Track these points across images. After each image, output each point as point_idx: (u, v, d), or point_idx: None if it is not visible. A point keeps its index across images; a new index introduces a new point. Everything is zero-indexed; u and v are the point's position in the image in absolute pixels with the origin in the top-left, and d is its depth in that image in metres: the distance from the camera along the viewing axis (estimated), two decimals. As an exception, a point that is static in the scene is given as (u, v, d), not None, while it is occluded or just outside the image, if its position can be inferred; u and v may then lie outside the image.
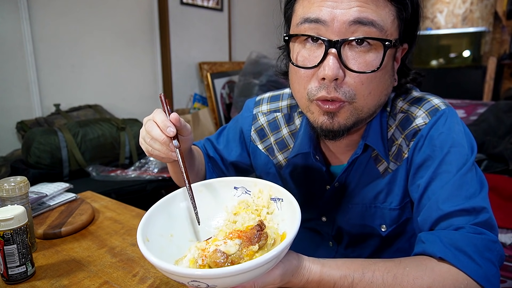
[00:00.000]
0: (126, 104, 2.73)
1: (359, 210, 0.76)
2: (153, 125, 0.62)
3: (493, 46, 5.66)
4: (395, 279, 0.54)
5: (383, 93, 0.64)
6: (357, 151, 0.71)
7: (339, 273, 0.55)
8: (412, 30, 0.65)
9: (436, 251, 0.56)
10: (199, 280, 0.44)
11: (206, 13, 3.26)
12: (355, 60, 0.59)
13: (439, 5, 6.08)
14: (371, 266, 0.56)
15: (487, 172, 2.26)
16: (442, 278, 0.53)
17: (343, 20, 0.56)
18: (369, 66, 0.59)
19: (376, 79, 0.60)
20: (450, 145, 0.64)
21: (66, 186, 1.05)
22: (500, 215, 1.82)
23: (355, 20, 0.56)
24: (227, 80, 3.35)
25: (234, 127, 0.92)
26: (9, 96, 2.12)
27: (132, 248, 0.80)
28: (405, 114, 0.70)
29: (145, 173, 2.08)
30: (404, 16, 0.61)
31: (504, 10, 5.08)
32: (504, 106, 2.60)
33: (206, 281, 0.44)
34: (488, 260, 0.55)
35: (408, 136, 0.68)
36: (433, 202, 0.61)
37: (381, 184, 0.73)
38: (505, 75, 5.41)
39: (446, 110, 0.67)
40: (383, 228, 0.75)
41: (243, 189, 0.65)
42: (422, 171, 0.66)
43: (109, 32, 2.57)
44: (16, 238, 0.64)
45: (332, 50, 0.57)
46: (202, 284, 0.45)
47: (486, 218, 0.58)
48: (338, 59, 0.58)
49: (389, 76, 0.64)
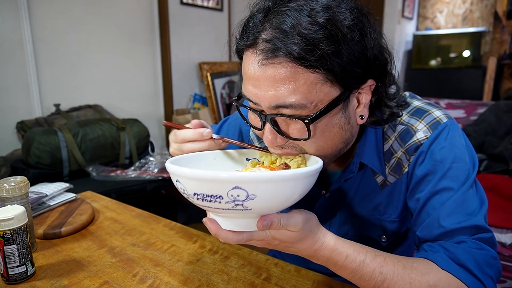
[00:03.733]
0: (126, 104, 2.72)
1: (358, 221, 0.75)
2: (186, 145, 0.65)
3: (493, 46, 5.66)
4: (404, 269, 0.55)
5: (337, 144, 0.62)
6: (353, 169, 0.69)
7: (353, 249, 0.56)
8: (369, 67, 0.58)
9: (439, 262, 0.56)
10: (243, 185, 0.44)
11: (206, 13, 3.26)
12: (288, 129, 0.60)
13: (439, 5, 6.08)
14: (382, 253, 0.57)
15: (487, 172, 2.26)
16: (447, 281, 0.54)
17: (265, 103, 0.56)
18: (301, 133, 0.58)
19: (319, 139, 0.59)
20: (452, 161, 0.62)
21: (66, 186, 1.05)
22: (500, 215, 1.82)
23: (274, 105, 0.56)
24: (227, 80, 3.35)
25: (234, 124, 0.91)
26: (9, 96, 2.12)
27: (132, 248, 0.80)
28: (405, 126, 0.68)
29: (145, 173, 2.08)
30: (340, 74, 0.54)
31: (504, 10, 5.08)
32: (504, 106, 2.60)
33: (251, 186, 0.45)
34: (488, 276, 0.55)
35: (409, 151, 0.67)
36: (434, 218, 0.61)
37: (380, 196, 0.72)
38: (505, 75, 5.42)
39: (448, 123, 0.66)
40: (383, 239, 0.75)
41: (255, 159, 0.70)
42: (422, 185, 0.65)
43: (109, 32, 2.57)
44: (16, 238, 0.64)
45: (267, 123, 0.59)
46: (242, 193, 0.45)
47: (489, 236, 0.59)
48: (274, 128, 0.59)
49: (339, 128, 0.60)
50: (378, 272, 0.54)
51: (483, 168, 2.31)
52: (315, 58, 0.52)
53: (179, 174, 0.48)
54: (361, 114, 0.63)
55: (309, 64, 0.52)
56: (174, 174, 0.49)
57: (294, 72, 0.53)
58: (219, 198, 0.46)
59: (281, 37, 0.52)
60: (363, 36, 0.56)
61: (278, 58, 0.53)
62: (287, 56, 0.52)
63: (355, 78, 0.57)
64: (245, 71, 0.58)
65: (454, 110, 3.46)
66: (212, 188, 0.45)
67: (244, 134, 0.88)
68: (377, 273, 0.54)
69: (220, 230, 0.52)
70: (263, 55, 0.54)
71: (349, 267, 0.55)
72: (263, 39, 0.54)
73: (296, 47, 0.51)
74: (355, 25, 0.55)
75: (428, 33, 5.97)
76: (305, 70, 0.53)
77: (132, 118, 2.35)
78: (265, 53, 0.53)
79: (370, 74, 0.59)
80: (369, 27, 0.58)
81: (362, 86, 0.60)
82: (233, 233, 0.52)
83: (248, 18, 0.59)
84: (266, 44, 0.53)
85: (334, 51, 0.52)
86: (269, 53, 0.53)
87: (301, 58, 0.52)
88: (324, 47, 0.51)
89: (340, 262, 0.55)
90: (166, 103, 3.02)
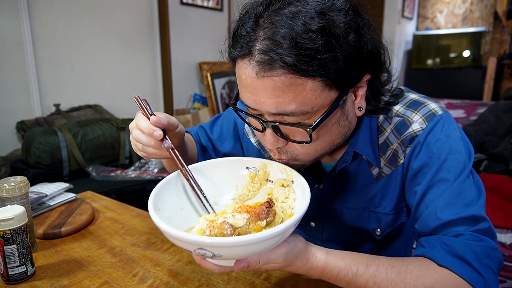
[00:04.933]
0: (126, 104, 2.73)
1: (353, 213, 0.75)
2: (139, 133, 0.64)
3: (493, 46, 5.66)
4: (398, 275, 0.54)
5: (335, 139, 0.63)
6: (347, 158, 0.70)
7: (344, 263, 0.55)
8: (366, 65, 0.59)
9: (437, 257, 0.56)
10: (205, 248, 0.45)
11: (206, 13, 3.26)
12: (290, 133, 0.60)
13: (439, 5, 6.09)
14: (375, 261, 0.56)
15: (487, 172, 2.26)
16: (444, 281, 0.54)
17: (266, 110, 0.56)
18: (303, 136, 0.59)
19: (319, 140, 0.61)
20: (448, 152, 0.63)
21: (66, 186, 1.05)
22: (500, 215, 1.82)
23: (275, 113, 0.56)
24: (227, 80, 3.35)
25: (229, 118, 0.91)
26: (9, 96, 2.12)
27: (132, 248, 0.80)
28: (401, 118, 0.68)
29: (145, 173, 2.08)
30: (338, 78, 0.55)
31: (504, 10, 5.08)
32: (504, 106, 2.60)
33: (212, 249, 0.45)
34: (488, 267, 0.55)
35: (404, 142, 0.67)
36: (431, 210, 0.61)
37: (375, 188, 0.72)
38: (505, 75, 5.42)
39: (443, 115, 0.66)
40: (377, 232, 0.75)
41: (255, 170, 0.67)
42: (419, 178, 0.65)
43: (109, 32, 2.57)
44: (16, 238, 0.64)
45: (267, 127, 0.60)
46: (208, 253, 0.46)
47: (487, 227, 0.58)
48: (275, 132, 0.59)
49: (338, 125, 0.61)
50: (372, 282, 0.55)
51: (483, 168, 2.31)
52: (312, 68, 0.51)
53: (159, 226, 0.49)
54: (359, 106, 0.64)
55: (307, 73, 0.52)
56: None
57: (292, 82, 0.53)
58: (189, 250, 0.48)
59: (276, 49, 0.51)
60: (359, 38, 0.56)
61: (275, 70, 0.52)
62: (284, 67, 0.51)
63: (352, 79, 0.57)
64: (241, 79, 0.58)
65: (454, 110, 3.47)
66: (181, 244, 0.47)
67: (239, 128, 0.88)
68: (370, 283, 0.55)
69: (203, 260, 0.53)
70: (260, 67, 0.53)
71: (343, 281, 0.56)
72: (258, 49, 0.53)
73: (293, 58, 0.51)
74: (350, 28, 0.54)
75: (428, 33, 5.96)
76: (303, 79, 0.53)
77: (132, 118, 2.33)
78: (261, 65, 0.53)
79: (366, 71, 0.60)
80: (363, 25, 0.57)
81: (359, 83, 0.61)
82: (215, 265, 0.53)
83: (239, 25, 0.58)
84: (262, 55, 0.53)
85: (331, 58, 0.52)
86: (266, 65, 0.52)
87: (299, 68, 0.51)
88: (321, 55, 0.51)
89: (333, 277, 0.56)
90: (166, 103, 3.02)
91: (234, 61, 0.60)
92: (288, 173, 0.63)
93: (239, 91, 0.62)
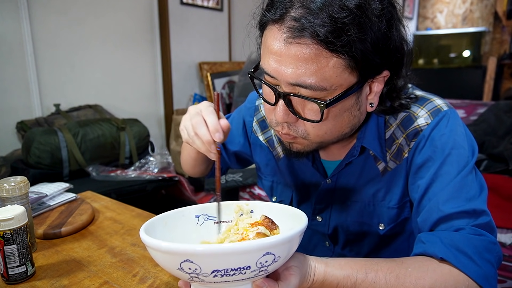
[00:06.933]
0: (126, 104, 2.72)
1: (358, 207, 0.76)
2: (201, 123, 0.63)
3: (493, 46, 5.66)
4: (397, 279, 0.54)
5: (344, 128, 0.64)
6: (354, 152, 0.71)
7: (342, 273, 0.55)
8: (390, 58, 0.60)
9: (437, 251, 0.56)
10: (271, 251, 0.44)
11: (206, 13, 3.26)
12: (301, 109, 0.60)
13: (439, 5, 6.08)
14: (373, 266, 0.56)
15: (487, 172, 2.26)
16: (443, 279, 0.54)
17: (285, 80, 0.57)
18: (315, 114, 0.59)
19: (330, 122, 0.61)
20: (451, 147, 0.63)
21: (66, 186, 1.05)
22: (500, 215, 1.82)
23: (293, 83, 0.56)
24: (227, 80, 3.35)
25: (238, 117, 0.92)
26: (9, 96, 2.12)
27: (132, 248, 0.80)
28: (407, 113, 0.69)
29: (145, 173, 2.08)
30: (362, 62, 0.56)
31: (504, 10, 5.08)
32: (504, 106, 2.60)
33: (273, 250, 0.44)
34: (488, 261, 0.55)
35: (409, 136, 0.68)
36: (434, 203, 0.61)
37: (381, 182, 0.73)
38: (505, 75, 5.41)
39: (449, 111, 0.67)
40: (381, 227, 0.75)
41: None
42: (422, 171, 0.66)
43: (109, 32, 2.57)
44: (16, 238, 0.64)
45: (280, 99, 0.60)
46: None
47: (487, 221, 0.59)
48: (287, 106, 0.60)
49: (350, 113, 0.62)
50: None
51: (483, 168, 2.30)
52: (341, 43, 0.52)
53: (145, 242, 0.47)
54: (371, 102, 0.64)
55: (335, 48, 0.52)
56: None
57: (318, 54, 0.53)
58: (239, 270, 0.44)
59: (310, 17, 0.52)
60: (390, 27, 0.57)
61: (304, 38, 0.53)
62: (314, 37, 0.52)
63: (374, 68, 0.58)
64: (267, 45, 0.58)
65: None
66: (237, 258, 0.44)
67: (248, 125, 0.89)
68: None
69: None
70: (290, 33, 0.53)
71: None
72: (291, 16, 0.54)
73: (324, 30, 0.51)
74: (384, 15, 0.55)
75: (428, 33, 5.96)
76: (330, 53, 0.53)
77: (132, 118, 2.35)
78: (292, 31, 0.53)
79: (387, 65, 0.61)
80: (396, 18, 0.59)
81: (377, 76, 0.61)
82: None
83: None
84: (294, 22, 0.53)
85: (360, 38, 0.53)
86: (296, 32, 0.53)
87: (328, 41, 0.52)
88: (351, 33, 0.52)
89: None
90: (166, 103, 3.02)
91: (263, 27, 0.60)
92: (244, 207, 0.63)
93: (260, 60, 0.62)
